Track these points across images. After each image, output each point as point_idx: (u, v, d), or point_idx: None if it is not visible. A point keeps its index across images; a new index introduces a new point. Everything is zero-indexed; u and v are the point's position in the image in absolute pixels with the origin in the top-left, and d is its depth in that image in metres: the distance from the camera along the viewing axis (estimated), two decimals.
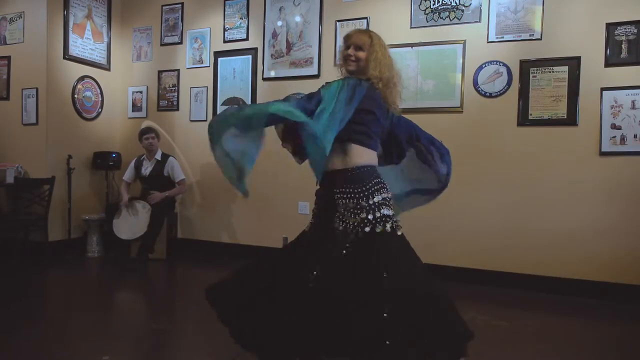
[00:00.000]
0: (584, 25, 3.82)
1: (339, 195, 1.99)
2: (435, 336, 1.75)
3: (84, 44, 5.34)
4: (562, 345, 2.81)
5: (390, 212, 1.98)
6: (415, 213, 4.31)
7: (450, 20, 4.22)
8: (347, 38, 2.11)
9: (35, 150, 5.00)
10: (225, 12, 5.17)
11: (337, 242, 1.97)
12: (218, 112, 5.18)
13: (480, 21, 4.13)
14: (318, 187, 2.14)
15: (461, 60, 4.18)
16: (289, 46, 4.86)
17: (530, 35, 3.97)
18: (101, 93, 5.57)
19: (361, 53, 2.06)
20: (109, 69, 5.65)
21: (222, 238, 5.23)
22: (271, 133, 4.88)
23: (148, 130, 4.99)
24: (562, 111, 3.89)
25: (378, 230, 1.92)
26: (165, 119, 5.52)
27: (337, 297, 1.81)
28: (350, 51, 2.07)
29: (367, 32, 2.14)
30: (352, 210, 1.95)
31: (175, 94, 5.45)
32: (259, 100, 5.02)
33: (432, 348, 1.73)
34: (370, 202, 1.93)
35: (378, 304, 1.75)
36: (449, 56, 4.22)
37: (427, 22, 4.30)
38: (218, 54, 5.22)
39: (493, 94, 4.10)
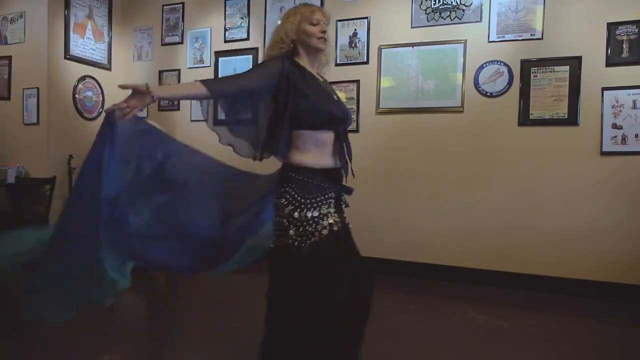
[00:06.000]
0: (585, 24, 3.81)
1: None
2: None
3: (85, 44, 5.34)
4: (562, 345, 2.81)
5: None
6: (415, 213, 4.33)
7: (451, 20, 4.22)
8: (314, 10, 1.85)
9: (36, 150, 5.00)
10: (226, 12, 5.18)
11: None
12: (219, 111, 5.18)
13: (481, 21, 4.12)
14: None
15: (462, 60, 4.18)
16: None
17: (531, 34, 3.96)
18: (102, 93, 5.57)
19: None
20: (109, 69, 5.66)
21: None
22: None
23: None
24: (563, 111, 3.88)
25: None
26: (166, 118, 5.52)
27: None
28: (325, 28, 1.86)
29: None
30: None
31: None
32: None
33: None
34: None
35: None
36: (450, 56, 4.22)
37: (428, 21, 4.30)
38: (219, 54, 5.22)
39: (494, 94, 4.09)
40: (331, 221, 1.73)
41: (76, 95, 5.25)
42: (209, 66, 5.27)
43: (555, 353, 2.70)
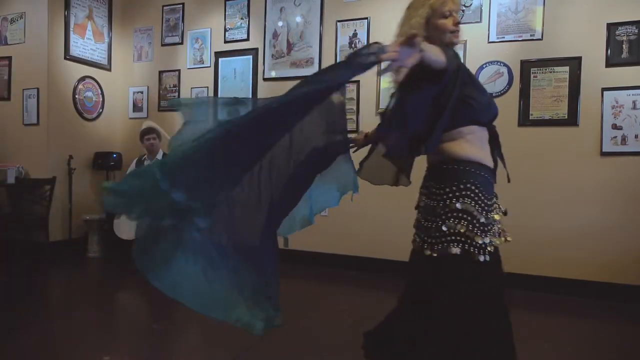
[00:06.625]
0: (584, 25, 3.82)
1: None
2: None
3: (85, 44, 5.34)
4: (562, 345, 2.81)
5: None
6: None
7: None
8: (443, 3, 1.62)
9: (36, 150, 5.00)
10: (226, 13, 5.18)
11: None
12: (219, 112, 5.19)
13: (481, 21, 4.13)
14: None
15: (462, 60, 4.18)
16: (290, 46, 4.87)
17: (531, 35, 3.97)
18: (102, 93, 5.57)
19: None
20: (109, 69, 5.66)
21: None
22: None
23: (149, 130, 4.99)
24: (563, 111, 3.89)
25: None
26: (166, 119, 5.52)
27: None
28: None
29: None
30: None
31: (176, 94, 5.46)
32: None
33: None
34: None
35: None
36: None
37: None
38: (219, 54, 5.23)
39: (494, 94, 4.09)
40: (501, 228, 1.55)
41: (76, 96, 5.25)
42: (209, 67, 5.27)
43: (555, 353, 2.70)
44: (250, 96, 5.04)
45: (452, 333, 1.43)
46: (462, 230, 1.46)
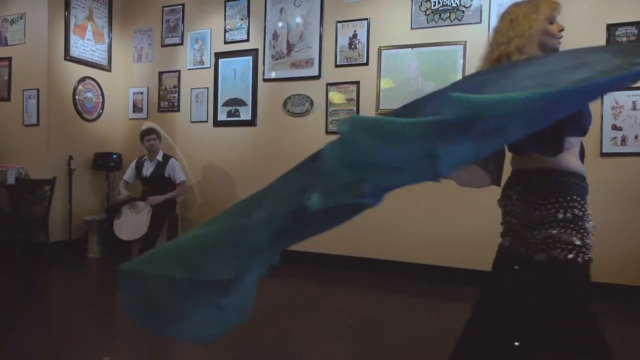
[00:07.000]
0: (584, 26, 3.82)
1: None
2: None
3: (85, 45, 5.35)
4: None
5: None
6: (419, 216, 4.33)
7: (451, 21, 4.23)
8: (554, 8, 1.65)
9: (36, 151, 5.00)
10: (226, 13, 5.19)
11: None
12: (219, 112, 5.19)
13: (480, 22, 4.13)
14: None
15: (462, 62, 4.18)
16: (290, 47, 4.87)
17: None
18: (102, 94, 5.58)
19: None
20: (109, 70, 5.66)
21: None
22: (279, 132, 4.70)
23: (149, 131, 5.00)
24: None
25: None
26: (166, 120, 5.52)
27: None
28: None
29: None
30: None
31: (176, 95, 5.46)
32: (259, 102, 5.02)
33: None
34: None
35: None
36: (450, 57, 4.22)
37: (428, 23, 4.31)
38: (219, 55, 5.23)
39: None
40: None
41: (76, 97, 5.25)
42: (209, 67, 5.27)
43: None
44: (251, 97, 5.04)
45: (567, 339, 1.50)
46: (571, 239, 1.54)
